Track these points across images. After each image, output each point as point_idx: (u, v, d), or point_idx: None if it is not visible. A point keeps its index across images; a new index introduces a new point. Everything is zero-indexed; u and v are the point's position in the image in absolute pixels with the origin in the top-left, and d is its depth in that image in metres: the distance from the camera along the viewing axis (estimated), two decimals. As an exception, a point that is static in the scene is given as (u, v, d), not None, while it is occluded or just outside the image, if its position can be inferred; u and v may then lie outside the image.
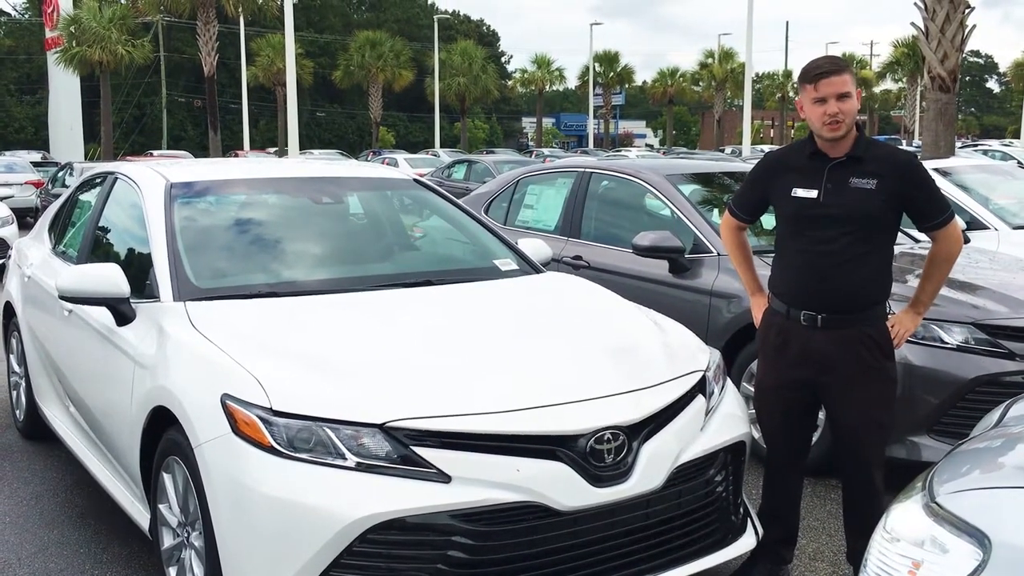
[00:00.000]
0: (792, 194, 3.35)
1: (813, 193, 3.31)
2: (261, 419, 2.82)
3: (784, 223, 3.45)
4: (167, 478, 3.27)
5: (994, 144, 37.38)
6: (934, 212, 3.35)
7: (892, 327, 3.42)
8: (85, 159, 37.86)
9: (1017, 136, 49.24)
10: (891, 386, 3.42)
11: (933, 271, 3.47)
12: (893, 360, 3.42)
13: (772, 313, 3.52)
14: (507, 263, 4.33)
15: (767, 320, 3.55)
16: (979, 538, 1.96)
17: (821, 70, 3.27)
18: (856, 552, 3.52)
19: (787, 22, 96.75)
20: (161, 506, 3.34)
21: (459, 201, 5.06)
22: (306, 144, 52.24)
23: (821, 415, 3.68)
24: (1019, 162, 17.63)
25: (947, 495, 2.12)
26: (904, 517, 2.15)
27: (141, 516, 3.59)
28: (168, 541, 3.32)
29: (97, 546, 4.03)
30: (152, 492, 3.40)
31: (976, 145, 34.53)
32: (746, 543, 3.36)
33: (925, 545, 2.03)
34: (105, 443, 3.97)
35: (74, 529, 4.21)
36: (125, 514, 3.74)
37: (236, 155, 39.35)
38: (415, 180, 5.03)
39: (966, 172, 7.96)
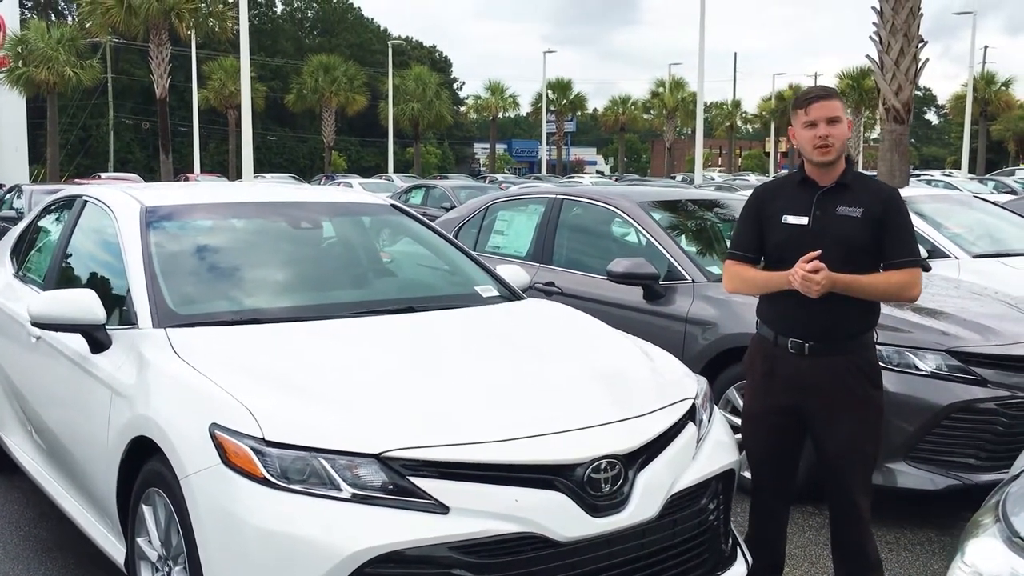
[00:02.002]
0: (783, 221, 3.38)
1: (804, 220, 3.34)
2: (253, 450, 2.74)
3: (773, 250, 3.47)
4: (147, 510, 3.16)
5: (936, 174, 38.36)
6: (903, 250, 3.32)
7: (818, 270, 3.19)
8: (30, 181, 37.03)
9: (957, 167, 50.54)
10: (877, 415, 3.44)
11: (877, 283, 3.32)
12: (880, 389, 3.44)
13: (760, 340, 3.53)
14: (488, 289, 4.29)
15: (755, 347, 3.57)
16: None
17: (812, 95, 3.35)
18: (842, 579, 3.53)
19: (735, 53, 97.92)
20: (139, 539, 3.23)
21: (435, 226, 5.02)
22: (257, 168, 51.68)
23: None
24: (959, 191, 18.15)
25: None
26: (984, 552, 2.16)
27: (115, 549, 3.47)
28: (146, 576, 3.21)
29: (66, 581, 3.89)
30: (129, 524, 3.29)
31: (918, 176, 35.32)
32: (737, 572, 3.34)
33: None
34: (75, 474, 3.83)
35: (40, 563, 4.06)
36: (95, 547, 3.61)
37: (187, 178, 38.76)
38: (392, 205, 4.98)
39: (924, 201, 8.10)
